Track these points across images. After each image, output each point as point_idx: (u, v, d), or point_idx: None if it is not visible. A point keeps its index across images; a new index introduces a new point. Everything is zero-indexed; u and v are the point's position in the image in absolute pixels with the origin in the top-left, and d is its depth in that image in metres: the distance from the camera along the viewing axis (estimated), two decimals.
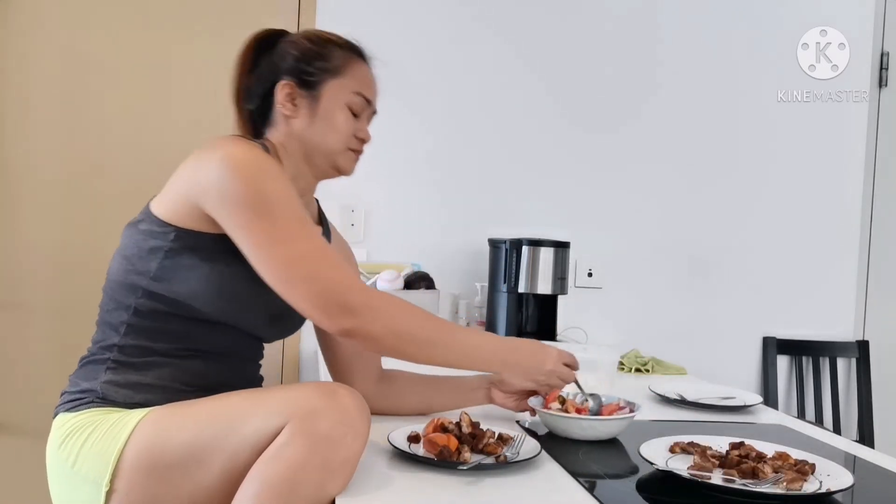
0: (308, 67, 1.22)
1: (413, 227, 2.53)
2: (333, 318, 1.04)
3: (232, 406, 1.04)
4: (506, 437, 1.18)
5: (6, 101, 2.32)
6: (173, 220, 1.11)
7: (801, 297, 2.77)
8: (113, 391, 1.10)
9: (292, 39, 1.26)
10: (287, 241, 1.05)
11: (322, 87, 1.22)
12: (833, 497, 1.03)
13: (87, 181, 2.34)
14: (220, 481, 1.00)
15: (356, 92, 1.24)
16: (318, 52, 1.23)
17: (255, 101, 1.25)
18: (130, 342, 1.12)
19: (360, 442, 0.99)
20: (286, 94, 1.22)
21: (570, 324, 2.46)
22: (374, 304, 1.06)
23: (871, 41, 2.78)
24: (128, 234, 1.17)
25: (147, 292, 1.11)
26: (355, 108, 1.24)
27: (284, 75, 1.22)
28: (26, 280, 2.33)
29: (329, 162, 1.25)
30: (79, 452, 1.05)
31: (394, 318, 1.07)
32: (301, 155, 1.24)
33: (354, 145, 1.26)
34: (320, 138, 1.22)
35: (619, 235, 2.66)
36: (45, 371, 2.29)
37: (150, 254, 1.11)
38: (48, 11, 2.32)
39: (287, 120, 1.23)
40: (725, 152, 2.72)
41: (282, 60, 1.23)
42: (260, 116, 1.26)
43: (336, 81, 1.23)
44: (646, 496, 1.05)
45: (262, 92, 1.24)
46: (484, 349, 1.19)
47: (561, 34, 2.61)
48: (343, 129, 1.23)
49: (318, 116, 1.22)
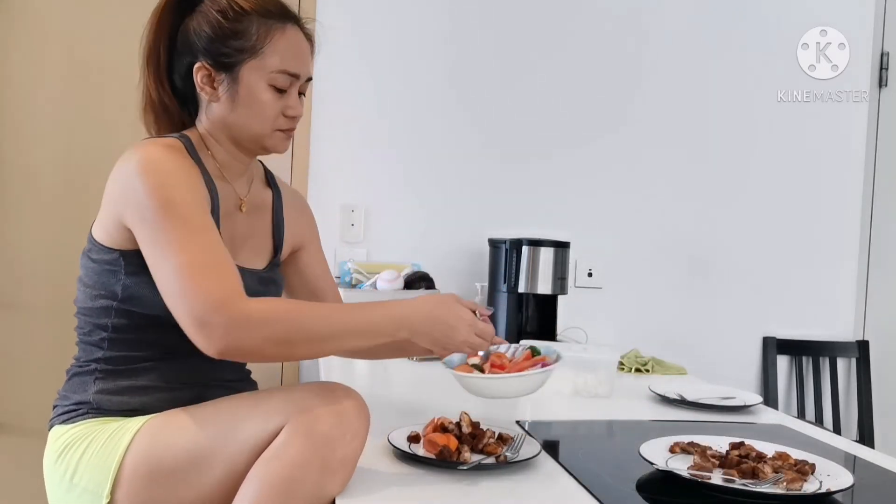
0: (223, 48, 1.12)
1: (413, 227, 2.53)
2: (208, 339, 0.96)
3: (230, 409, 1.03)
4: (506, 437, 1.18)
5: (6, 101, 2.32)
6: (113, 244, 1.09)
7: (801, 297, 2.77)
8: (106, 401, 1.10)
9: (206, 10, 1.14)
10: (169, 252, 1.00)
11: (240, 69, 1.13)
12: (833, 497, 1.03)
13: (87, 181, 2.33)
14: (221, 485, 1.00)
15: (279, 70, 1.14)
16: (231, 30, 1.12)
17: (178, 81, 1.18)
18: (114, 353, 1.12)
19: (359, 441, 0.99)
20: (203, 76, 1.14)
21: (570, 324, 2.46)
22: (247, 317, 0.97)
23: (871, 41, 2.78)
24: (83, 262, 1.15)
25: (120, 311, 1.11)
26: (280, 86, 1.15)
27: (200, 56, 1.14)
28: (26, 280, 2.32)
29: (257, 144, 1.19)
30: (77, 464, 1.05)
31: (272, 327, 0.98)
32: (229, 139, 1.18)
33: (282, 124, 1.17)
34: (244, 123, 1.15)
35: (619, 235, 2.66)
36: (45, 371, 2.28)
37: (110, 278, 1.10)
38: (49, 13, 2.32)
39: (209, 104, 1.16)
40: (725, 152, 2.72)
41: (196, 37, 1.14)
42: (185, 95, 1.19)
43: (255, 61, 1.13)
44: (646, 496, 1.05)
45: (183, 71, 1.16)
46: (383, 325, 1.05)
47: (561, 34, 2.60)
48: (267, 112, 1.14)
49: (239, 101, 1.14)
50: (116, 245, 1.09)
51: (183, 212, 1.02)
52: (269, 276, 1.26)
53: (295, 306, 1.05)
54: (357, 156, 2.50)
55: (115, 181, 1.08)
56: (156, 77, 1.18)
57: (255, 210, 1.27)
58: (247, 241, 1.24)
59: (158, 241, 1.01)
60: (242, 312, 0.97)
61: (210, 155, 1.19)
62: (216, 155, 1.19)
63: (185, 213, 1.02)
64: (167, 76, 1.19)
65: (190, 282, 0.97)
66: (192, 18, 1.15)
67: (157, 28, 1.17)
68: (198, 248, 1.00)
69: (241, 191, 1.24)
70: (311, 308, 1.06)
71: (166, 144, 1.10)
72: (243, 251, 1.22)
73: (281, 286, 1.31)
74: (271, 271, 1.28)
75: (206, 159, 1.18)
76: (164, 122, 1.22)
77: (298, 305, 1.06)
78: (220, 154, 1.20)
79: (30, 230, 2.32)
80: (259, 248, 1.27)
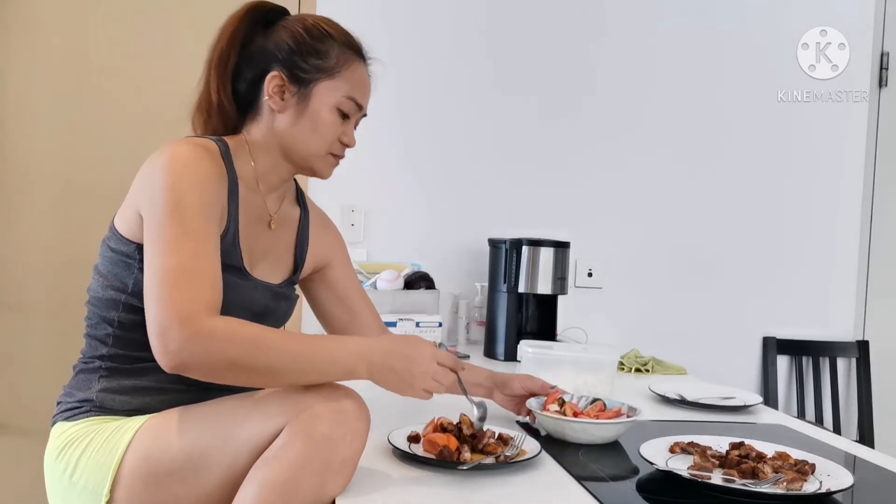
0: (302, 63, 1.17)
1: (413, 227, 2.53)
2: (164, 348, 0.95)
3: (230, 410, 1.03)
4: (506, 437, 1.19)
5: (6, 101, 2.31)
6: (133, 236, 1.10)
7: (801, 297, 2.77)
8: (109, 399, 1.10)
9: (289, 26, 1.19)
10: (158, 253, 1.00)
11: (314, 87, 1.17)
12: (833, 497, 1.03)
13: (87, 181, 2.34)
14: (221, 485, 1.00)
15: (349, 96, 1.19)
16: (314, 48, 1.17)
17: (244, 85, 1.20)
18: (119, 352, 1.12)
19: (360, 442, 0.99)
20: (276, 85, 1.17)
21: (570, 324, 2.46)
22: (207, 334, 0.95)
23: (871, 41, 2.78)
24: (101, 251, 1.16)
25: (127, 306, 1.10)
26: (346, 111, 1.20)
27: (276, 65, 1.17)
28: (26, 280, 2.32)
29: (306, 164, 1.21)
30: (77, 462, 1.05)
31: (230, 349, 0.96)
32: (279, 151, 1.20)
33: (337, 150, 1.22)
34: (302, 139, 1.18)
35: (619, 235, 2.66)
36: (45, 371, 2.29)
37: (123, 270, 1.10)
38: (48, 11, 2.32)
39: (273, 113, 1.18)
40: (725, 152, 2.72)
41: (276, 48, 1.18)
42: (246, 102, 1.21)
43: (330, 82, 1.18)
44: (646, 496, 1.05)
45: (252, 77, 1.19)
46: (341, 363, 1.02)
47: (562, 35, 2.60)
48: (328, 133, 1.19)
49: (304, 116, 1.17)
50: (134, 237, 1.09)
51: (186, 215, 1.02)
52: (283, 293, 1.26)
53: (260, 332, 1.00)
54: (357, 156, 2.48)
55: (143, 173, 1.10)
56: (221, 80, 1.20)
57: (281, 226, 1.28)
58: (267, 255, 1.24)
59: (155, 239, 1.01)
60: (204, 328, 0.95)
61: (251, 163, 1.19)
62: (258, 164, 1.20)
63: (187, 217, 1.02)
64: (231, 80, 1.20)
65: (165, 287, 0.97)
66: (273, 31, 1.19)
67: (232, 34, 1.20)
68: (186, 254, 1.00)
69: (272, 206, 1.25)
70: (275, 337, 1.01)
71: (199, 144, 1.11)
72: (262, 264, 1.22)
73: (293, 303, 1.30)
74: (286, 288, 1.28)
75: (243, 166, 1.18)
76: (215, 122, 1.22)
77: (264, 332, 1.00)
78: (263, 164, 1.20)
79: (30, 230, 2.32)
80: (278, 263, 1.27)
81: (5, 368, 2.31)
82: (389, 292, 2.21)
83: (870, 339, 2.79)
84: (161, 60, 2.38)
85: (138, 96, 2.36)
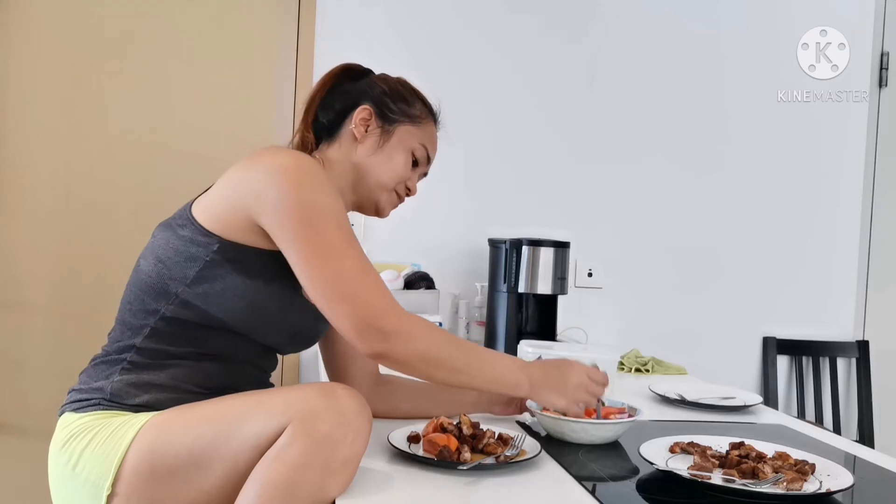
0: (391, 104, 1.28)
1: (413, 227, 2.52)
2: (367, 341, 1.05)
3: (232, 409, 1.04)
4: (506, 437, 1.19)
5: (6, 101, 2.32)
6: (218, 231, 1.11)
7: (801, 297, 2.77)
8: (123, 391, 1.10)
9: (383, 77, 1.32)
10: (331, 256, 1.06)
11: (397, 126, 1.28)
12: (833, 497, 1.03)
13: (87, 181, 2.34)
14: (222, 484, 1.00)
15: (423, 144, 1.30)
16: (403, 97, 1.30)
17: (330, 115, 1.28)
18: (150, 345, 1.12)
19: (361, 442, 0.99)
20: (363, 117, 1.26)
21: (570, 324, 2.46)
22: (406, 330, 1.07)
23: (871, 41, 2.78)
24: (164, 236, 1.15)
25: (180, 300, 1.10)
26: (417, 157, 1.30)
27: (367, 101, 1.27)
28: (26, 280, 2.33)
29: (372, 196, 1.28)
30: (81, 455, 1.05)
31: (425, 345, 1.09)
32: (349, 180, 1.27)
33: (400, 190, 1.31)
34: (376, 168, 1.26)
35: (619, 235, 2.66)
36: (45, 371, 2.29)
37: (189, 261, 1.10)
38: (48, 11, 2.32)
39: (353, 142, 1.26)
40: (725, 152, 2.72)
41: (370, 88, 1.29)
42: (326, 129, 1.28)
43: (411, 127, 1.29)
44: (646, 496, 1.05)
45: (340, 108, 1.28)
46: (508, 376, 1.18)
47: (561, 34, 2.61)
48: (400, 170, 1.28)
49: (382, 150, 1.26)
50: (220, 232, 1.10)
51: (340, 219, 1.09)
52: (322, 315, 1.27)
53: (446, 333, 1.15)
54: None
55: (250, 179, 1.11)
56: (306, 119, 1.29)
57: None
58: None
59: (316, 245, 1.06)
60: (405, 324, 1.07)
61: None
62: None
63: (341, 221, 1.09)
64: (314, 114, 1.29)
65: (352, 286, 1.05)
66: (364, 81, 1.31)
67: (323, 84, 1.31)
68: (356, 256, 1.08)
69: None
70: (459, 340, 1.18)
71: (311, 158, 1.16)
72: None
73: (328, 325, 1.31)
74: None
75: None
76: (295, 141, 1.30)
77: (447, 333, 1.15)
78: None
79: (30, 230, 2.32)
80: None
81: (5, 368, 2.31)
82: None
83: (870, 339, 2.79)
84: (161, 60, 2.38)
85: (139, 98, 2.37)
